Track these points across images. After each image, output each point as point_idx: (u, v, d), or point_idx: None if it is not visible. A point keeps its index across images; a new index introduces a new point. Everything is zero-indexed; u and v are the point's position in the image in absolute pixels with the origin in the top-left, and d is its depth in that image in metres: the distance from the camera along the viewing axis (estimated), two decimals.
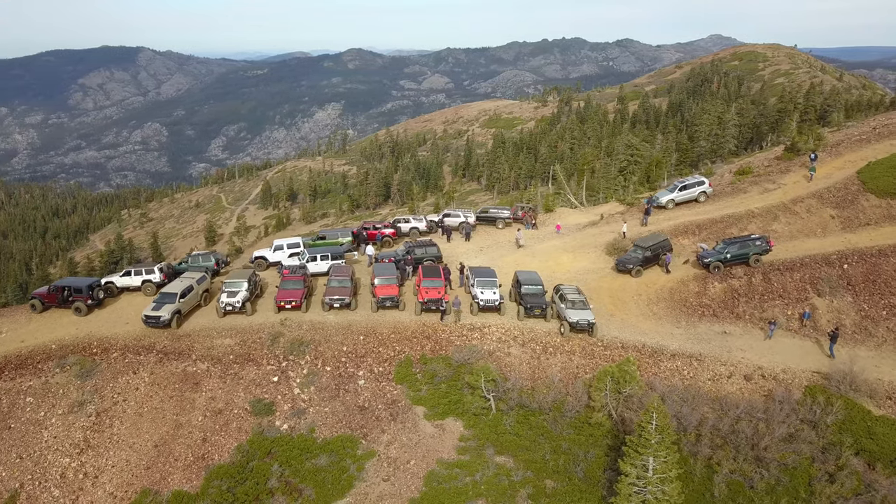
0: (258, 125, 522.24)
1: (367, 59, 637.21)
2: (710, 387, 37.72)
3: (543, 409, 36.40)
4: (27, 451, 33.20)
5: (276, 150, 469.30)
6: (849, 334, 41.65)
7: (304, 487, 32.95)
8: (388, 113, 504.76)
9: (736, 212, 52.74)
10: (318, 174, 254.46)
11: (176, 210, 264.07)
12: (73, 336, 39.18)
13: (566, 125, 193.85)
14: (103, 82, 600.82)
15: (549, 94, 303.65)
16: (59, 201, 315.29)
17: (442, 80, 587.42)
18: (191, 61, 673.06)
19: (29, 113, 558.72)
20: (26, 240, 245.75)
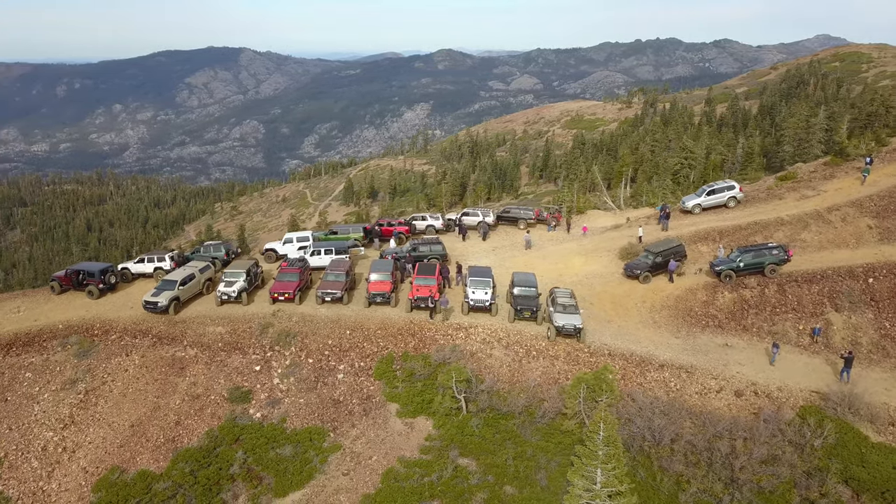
0: (349, 124, 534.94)
1: (457, 60, 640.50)
2: (697, 401, 35.88)
3: (514, 413, 35.65)
4: (17, 423, 35.53)
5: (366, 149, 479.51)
6: (864, 353, 38.70)
7: (265, 476, 33.69)
8: (475, 113, 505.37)
9: (764, 219, 49.94)
10: (399, 173, 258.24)
11: (264, 204, 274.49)
12: (81, 318, 41.61)
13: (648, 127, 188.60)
14: (207, 81, 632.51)
15: (634, 96, 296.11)
16: (161, 193, 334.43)
17: (531, 81, 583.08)
18: (288, 61, 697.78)
19: (140, 110, 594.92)
20: (129, 228, 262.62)
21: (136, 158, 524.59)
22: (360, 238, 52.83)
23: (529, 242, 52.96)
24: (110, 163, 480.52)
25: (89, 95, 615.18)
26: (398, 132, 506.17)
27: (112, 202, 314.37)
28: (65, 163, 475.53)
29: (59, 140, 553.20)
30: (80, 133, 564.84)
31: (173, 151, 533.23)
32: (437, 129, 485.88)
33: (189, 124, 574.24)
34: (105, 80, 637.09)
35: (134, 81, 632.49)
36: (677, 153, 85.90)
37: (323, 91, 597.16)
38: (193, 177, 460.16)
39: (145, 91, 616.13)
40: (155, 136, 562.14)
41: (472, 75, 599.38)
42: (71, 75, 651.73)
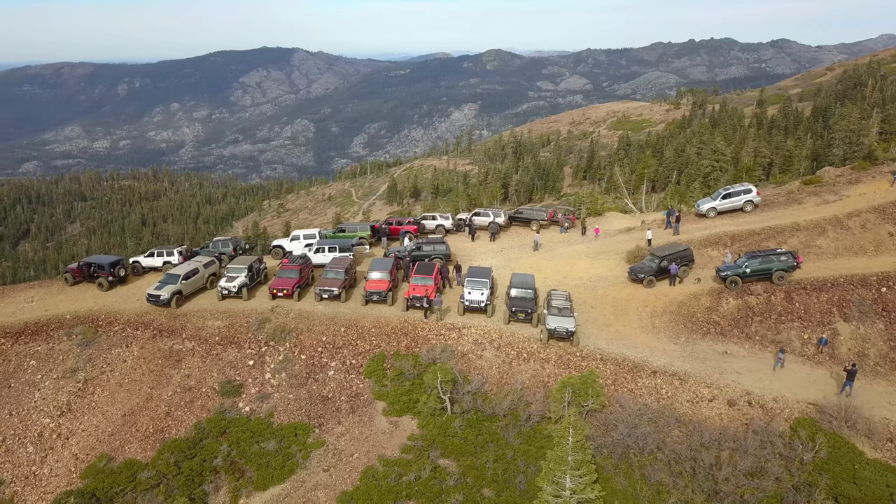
0: (398, 124, 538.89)
1: (506, 60, 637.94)
2: (687, 409, 34.97)
3: (499, 415, 35.40)
4: (17, 409, 36.89)
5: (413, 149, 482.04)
6: (870, 366, 37.15)
7: (248, 469, 34.21)
8: (523, 114, 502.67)
9: (779, 224, 48.33)
10: (442, 173, 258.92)
11: (310, 202, 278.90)
12: (88, 308, 42.98)
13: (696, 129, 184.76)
14: (260, 81, 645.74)
15: (682, 97, 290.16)
16: (213, 190, 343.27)
17: (580, 82, 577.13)
18: (339, 61, 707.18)
19: (196, 108, 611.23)
20: (181, 224, 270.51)
21: (192, 156, 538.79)
22: (367, 236, 53.13)
23: (537, 244, 52.41)
24: (167, 160, 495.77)
25: (148, 94, 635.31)
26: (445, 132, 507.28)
27: (166, 198, 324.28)
28: (125, 159, 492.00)
29: (120, 137, 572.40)
30: (139, 131, 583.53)
31: (226, 149, 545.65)
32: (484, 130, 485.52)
33: (242, 123, 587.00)
34: (163, 79, 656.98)
35: (190, 80, 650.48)
36: (708, 156, 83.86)
37: (372, 91, 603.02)
38: (245, 174, 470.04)
39: (201, 90, 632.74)
40: (209, 134, 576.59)
41: (521, 75, 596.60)
42: (132, 75, 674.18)
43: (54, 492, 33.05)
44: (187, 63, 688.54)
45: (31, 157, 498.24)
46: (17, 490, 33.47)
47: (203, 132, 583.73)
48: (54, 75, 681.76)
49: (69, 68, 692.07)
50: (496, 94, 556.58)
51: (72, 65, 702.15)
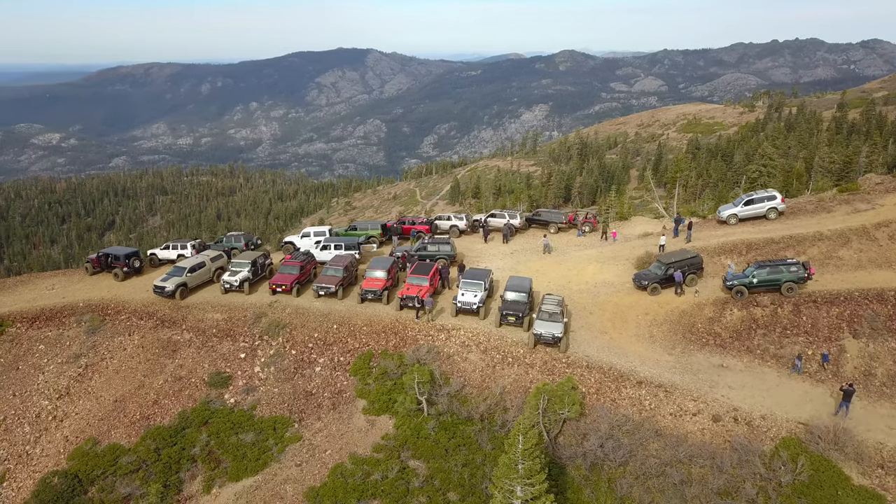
0: (468, 124, 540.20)
1: (579, 61, 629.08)
2: (669, 422, 33.65)
3: (474, 419, 35.04)
4: (21, 390, 38.94)
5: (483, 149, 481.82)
6: (875, 386, 34.84)
7: (224, 459, 35.01)
8: (594, 115, 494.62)
9: (801, 233, 45.99)
10: (505, 174, 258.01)
11: (376, 201, 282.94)
12: (101, 297, 44.97)
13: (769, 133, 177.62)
14: (335, 81, 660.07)
15: (758, 99, 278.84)
16: (285, 187, 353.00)
17: (655, 83, 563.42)
18: (412, 62, 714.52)
19: (274, 108, 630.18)
20: (253, 219, 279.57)
21: (268, 153, 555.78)
22: (377, 235, 53.50)
23: (548, 247, 51.49)
24: (245, 157, 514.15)
25: (230, 93, 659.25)
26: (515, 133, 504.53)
27: (241, 194, 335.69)
28: (205, 156, 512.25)
29: (202, 135, 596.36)
30: (220, 128, 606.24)
31: (301, 147, 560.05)
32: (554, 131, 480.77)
33: (317, 122, 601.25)
34: (243, 79, 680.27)
35: (269, 81, 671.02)
36: (756, 160, 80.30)
37: (444, 91, 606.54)
38: (318, 172, 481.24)
39: (279, 90, 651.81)
40: (286, 133, 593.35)
41: (594, 77, 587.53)
42: (215, 74, 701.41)
43: (42, 471, 34.72)
44: (267, 63, 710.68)
45: (121, 153, 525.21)
46: (9, 467, 35.37)
47: (279, 131, 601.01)
48: (144, 75, 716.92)
49: (157, 68, 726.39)
50: (568, 95, 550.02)
51: (160, 65, 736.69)
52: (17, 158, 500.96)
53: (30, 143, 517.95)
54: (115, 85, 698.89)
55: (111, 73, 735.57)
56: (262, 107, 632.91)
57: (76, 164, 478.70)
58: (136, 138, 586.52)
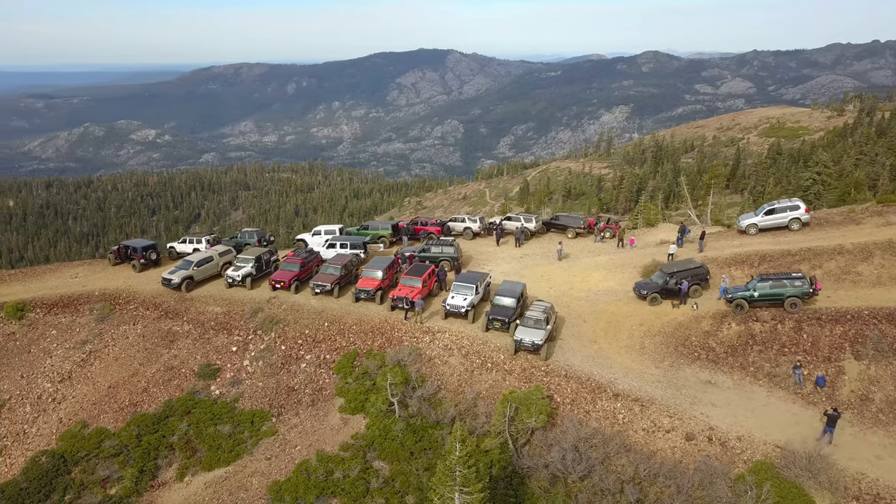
0: (545, 125, 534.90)
1: (663, 62, 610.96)
2: (641, 438, 32.45)
3: (443, 422, 34.78)
4: (28, 372, 41.30)
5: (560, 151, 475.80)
6: (871, 412, 32.49)
7: (200, 449, 36.08)
8: (677, 118, 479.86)
9: (821, 245, 43.30)
10: (577, 175, 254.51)
11: (446, 200, 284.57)
12: (116, 287, 47.18)
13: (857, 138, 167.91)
14: (416, 81, 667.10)
15: (848, 102, 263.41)
16: (361, 185, 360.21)
17: (743, 85, 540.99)
18: (492, 63, 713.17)
19: (355, 107, 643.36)
20: (329, 215, 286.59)
21: (348, 152, 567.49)
22: (387, 235, 53.80)
23: (561, 252, 50.43)
24: (326, 155, 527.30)
25: (314, 93, 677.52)
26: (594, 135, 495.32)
27: (318, 191, 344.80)
28: (289, 153, 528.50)
29: (286, 133, 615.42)
30: (304, 127, 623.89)
31: (380, 147, 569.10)
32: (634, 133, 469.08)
33: (396, 122, 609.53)
34: (327, 79, 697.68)
35: (352, 81, 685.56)
36: (811, 168, 76.20)
37: (523, 92, 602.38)
38: (396, 171, 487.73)
39: (361, 90, 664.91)
40: (366, 132, 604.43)
41: (678, 78, 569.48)
42: (300, 74, 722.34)
43: (34, 450, 36.75)
44: (350, 64, 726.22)
45: (210, 149, 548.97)
46: (6, 444, 37.64)
47: (360, 130, 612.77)
48: (234, 75, 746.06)
49: (247, 68, 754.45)
50: (650, 96, 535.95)
51: (249, 65, 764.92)
52: (117, 153, 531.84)
53: (129, 139, 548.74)
54: (208, 84, 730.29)
55: (204, 72, 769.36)
56: (343, 106, 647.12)
57: (170, 159, 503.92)
58: (224, 135, 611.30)
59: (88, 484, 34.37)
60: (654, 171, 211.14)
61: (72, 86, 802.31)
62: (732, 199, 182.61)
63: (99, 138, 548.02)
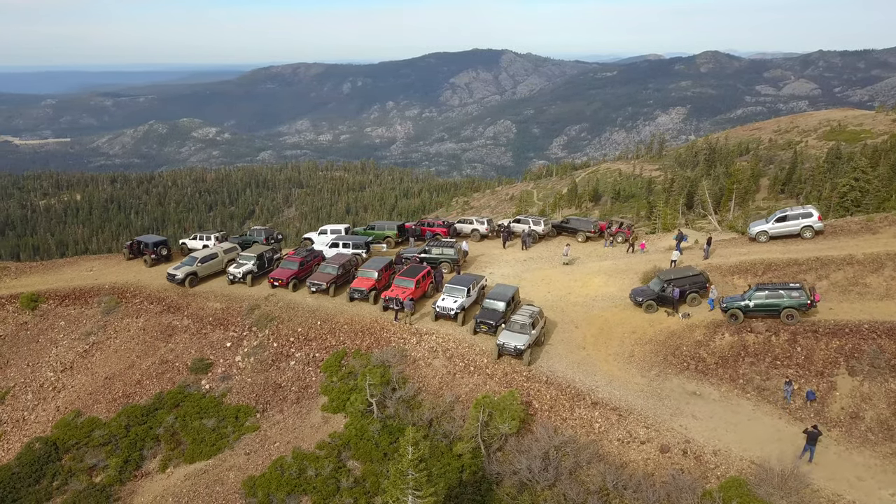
0: (599, 126, 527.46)
1: (722, 62, 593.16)
2: (615, 448, 31.76)
3: (418, 425, 34.68)
4: (34, 361, 42.98)
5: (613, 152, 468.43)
6: (860, 431, 31.02)
7: (184, 441, 36.93)
8: (736, 120, 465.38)
9: (830, 255, 41.51)
10: (626, 177, 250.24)
11: (493, 201, 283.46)
12: (125, 281, 48.71)
13: None
14: (469, 81, 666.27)
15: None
16: (411, 184, 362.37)
17: (807, 87, 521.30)
18: (547, 63, 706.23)
19: (409, 107, 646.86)
20: (379, 214, 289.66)
21: (401, 152, 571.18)
22: (393, 236, 53.97)
23: (567, 255, 49.62)
24: (379, 154, 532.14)
25: (368, 93, 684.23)
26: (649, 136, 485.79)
27: (370, 189, 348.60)
28: (343, 152, 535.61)
29: (341, 132, 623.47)
30: (358, 126, 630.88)
31: (432, 147, 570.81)
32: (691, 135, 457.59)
33: (449, 122, 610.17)
34: (382, 79, 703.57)
35: (406, 81, 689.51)
36: (848, 173, 72.96)
37: (577, 93, 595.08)
38: (447, 171, 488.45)
39: (414, 90, 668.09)
40: (418, 132, 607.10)
41: (738, 79, 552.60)
42: (356, 74, 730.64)
43: (30, 436, 38.28)
44: (404, 64, 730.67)
45: (267, 147, 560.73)
46: (6, 430, 39.29)
47: (413, 130, 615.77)
48: (291, 74, 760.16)
49: (304, 68, 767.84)
50: (708, 98, 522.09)
51: (307, 65, 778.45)
52: (179, 150, 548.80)
53: (190, 137, 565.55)
54: (266, 83, 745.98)
55: (263, 72, 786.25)
56: (397, 106, 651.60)
57: (228, 156, 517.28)
58: (281, 134, 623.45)
59: (76, 471, 35.56)
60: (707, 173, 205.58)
61: (139, 85, 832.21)
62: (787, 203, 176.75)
63: (162, 135, 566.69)
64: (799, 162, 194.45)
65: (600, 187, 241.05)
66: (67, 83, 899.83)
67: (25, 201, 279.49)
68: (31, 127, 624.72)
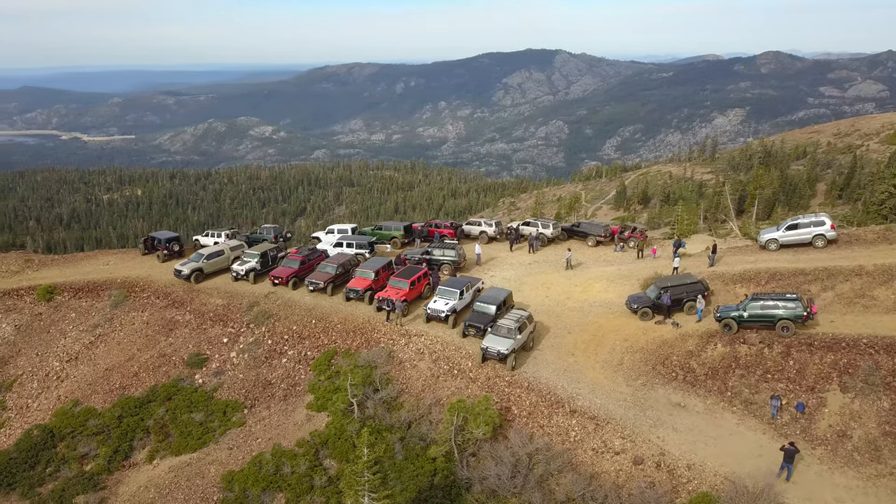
0: (654, 127, 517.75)
1: (784, 63, 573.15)
2: (588, 458, 31.17)
3: (395, 427, 34.71)
4: (43, 351, 44.63)
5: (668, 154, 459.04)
6: (846, 450, 29.66)
7: (173, 434, 37.81)
8: (797, 122, 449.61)
9: (839, 265, 39.79)
10: (677, 180, 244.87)
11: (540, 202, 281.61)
12: (137, 276, 50.14)
13: None
14: (522, 82, 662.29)
15: None
16: (459, 184, 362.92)
17: (874, 88, 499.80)
18: (601, 63, 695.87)
19: (461, 107, 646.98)
20: (426, 213, 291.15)
21: (452, 152, 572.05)
22: (399, 236, 54.05)
23: (570, 260, 48.82)
24: (430, 154, 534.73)
25: (421, 93, 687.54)
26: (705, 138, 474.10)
27: (418, 189, 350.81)
28: (395, 152, 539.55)
29: (393, 132, 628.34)
30: (410, 126, 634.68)
31: (483, 147, 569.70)
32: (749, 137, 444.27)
33: (500, 122, 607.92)
34: (435, 79, 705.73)
35: (459, 81, 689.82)
36: (887, 180, 69.67)
37: (631, 93, 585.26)
38: (497, 171, 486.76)
39: (467, 90, 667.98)
40: (470, 132, 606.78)
41: (800, 80, 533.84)
42: (409, 74, 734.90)
43: (30, 423, 39.84)
44: (457, 64, 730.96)
45: (322, 146, 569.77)
46: (10, 416, 40.95)
47: (464, 130, 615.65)
48: (346, 74, 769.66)
49: (359, 68, 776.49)
50: (768, 99, 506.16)
51: (361, 65, 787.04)
52: (237, 148, 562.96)
53: (247, 135, 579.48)
54: (322, 83, 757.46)
55: (318, 72, 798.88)
56: (449, 106, 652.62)
57: (284, 154, 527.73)
58: (335, 133, 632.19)
59: (69, 459, 36.82)
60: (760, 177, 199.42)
61: (200, 84, 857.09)
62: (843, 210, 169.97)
63: (221, 133, 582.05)
64: (858, 167, 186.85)
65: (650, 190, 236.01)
66: (133, 82, 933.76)
67: (90, 195, 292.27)
68: (98, 124, 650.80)
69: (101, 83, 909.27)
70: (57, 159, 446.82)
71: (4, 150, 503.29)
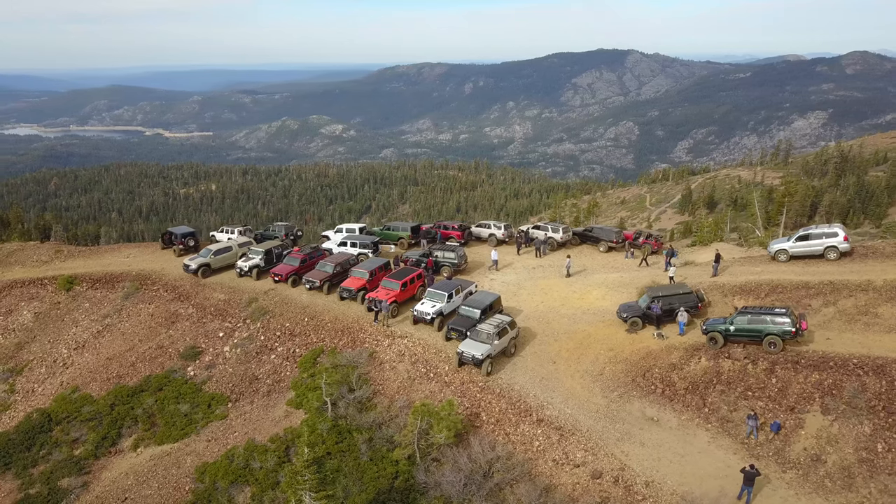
0: (728, 130, 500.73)
1: (872, 64, 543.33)
2: (548, 469, 30.47)
3: (364, 427, 34.74)
4: (55, 339, 46.62)
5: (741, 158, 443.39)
6: (818, 476, 28.06)
7: (158, 424, 38.96)
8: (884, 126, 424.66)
9: (846, 279, 37.60)
10: (746, 185, 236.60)
11: (604, 204, 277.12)
12: (151, 269, 51.93)
13: None
14: (592, 82, 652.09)
15: None
16: (522, 185, 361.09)
17: None
18: (675, 63, 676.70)
19: (528, 107, 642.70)
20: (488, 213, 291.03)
21: (518, 152, 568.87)
22: (406, 237, 54.00)
23: (570, 267, 47.61)
24: (496, 154, 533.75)
25: (489, 93, 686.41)
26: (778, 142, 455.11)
27: (481, 189, 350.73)
28: (461, 151, 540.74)
29: (460, 131, 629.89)
30: (477, 126, 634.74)
31: (550, 147, 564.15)
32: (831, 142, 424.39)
33: (568, 122, 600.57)
34: (504, 79, 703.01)
35: (527, 81, 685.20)
36: None
37: (706, 95, 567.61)
38: (564, 172, 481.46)
39: (535, 90, 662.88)
40: (537, 133, 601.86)
41: (889, 81, 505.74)
42: (478, 74, 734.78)
43: (33, 407, 41.80)
44: (526, 64, 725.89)
45: (390, 145, 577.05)
46: (16, 400, 43.05)
47: (531, 130, 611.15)
48: (416, 74, 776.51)
49: (428, 68, 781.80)
50: (853, 101, 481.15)
51: (431, 65, 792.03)
52: (308, 145, 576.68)
53: (318, 133, 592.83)
54: (392, 83, 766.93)
55: (389, 71, 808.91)
56: (517, 106, 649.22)
57: (353, 152, 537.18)
58: (404, 132, 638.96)
59: (61, 443, 38.45)
60: (835, 183, 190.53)
61: (275, 83, 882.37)
62: None
63: (293, 131, 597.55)
64: None
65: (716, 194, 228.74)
66: (213, 81, 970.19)
67: (168, 189, 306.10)
68: (179, 121, 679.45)
69: (183, 82, 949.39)
70: (140, 154, 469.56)
71: (94, 145, 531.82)
